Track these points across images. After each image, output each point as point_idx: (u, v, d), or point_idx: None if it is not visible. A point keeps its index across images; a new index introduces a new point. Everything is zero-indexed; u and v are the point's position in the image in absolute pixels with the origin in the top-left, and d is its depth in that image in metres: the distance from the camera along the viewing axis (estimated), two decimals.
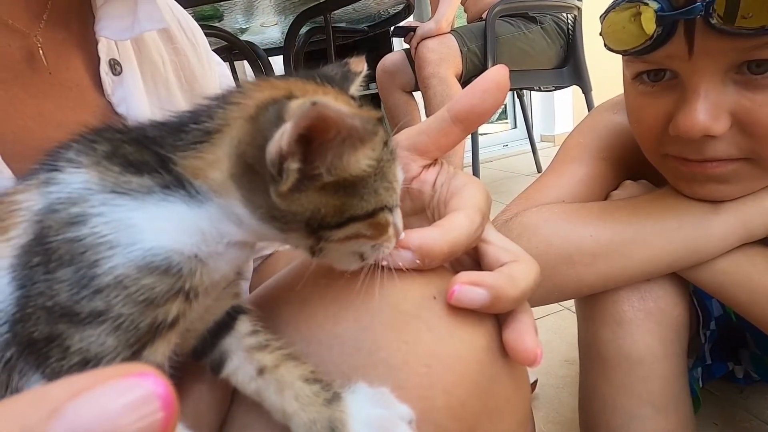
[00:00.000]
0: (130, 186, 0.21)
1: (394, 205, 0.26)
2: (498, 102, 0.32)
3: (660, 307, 0.56)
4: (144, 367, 0.11)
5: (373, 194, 0.24)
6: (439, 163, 0.35)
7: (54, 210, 0.20)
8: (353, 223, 0.24)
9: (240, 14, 1.40)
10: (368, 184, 0.24)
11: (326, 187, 0.22)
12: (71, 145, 0.23)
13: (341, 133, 0.20)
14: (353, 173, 0.23)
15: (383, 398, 0.23)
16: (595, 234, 0.52)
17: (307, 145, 0.20)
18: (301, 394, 0.23)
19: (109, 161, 0.22)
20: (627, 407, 0.56)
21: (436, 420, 0.24)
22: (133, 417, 0.10)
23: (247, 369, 0.24)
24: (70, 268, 0.19)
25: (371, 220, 0.25)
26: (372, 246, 0.26)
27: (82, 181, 0.21)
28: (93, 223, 0.20)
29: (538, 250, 0.52)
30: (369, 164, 0.23)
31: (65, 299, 0.19)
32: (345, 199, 0.23)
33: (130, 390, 0.11)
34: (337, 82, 0.27)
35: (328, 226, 0.23)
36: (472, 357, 0.26)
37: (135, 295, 0.20)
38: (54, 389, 0.11)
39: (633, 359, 0.56)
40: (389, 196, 0.25)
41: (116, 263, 0.19)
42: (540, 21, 1.79)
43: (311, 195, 0.22)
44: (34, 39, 0.35)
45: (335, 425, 0.22)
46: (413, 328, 0.26)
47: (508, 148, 3.04)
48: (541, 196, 0.59)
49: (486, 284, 0.26)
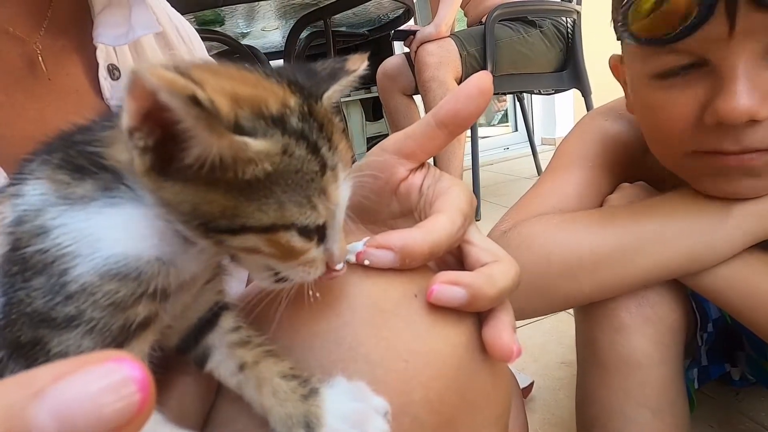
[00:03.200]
0: (76, 195, 0.21)
1: (310, 227, 0.23)
2: (481, 108, 0.33)
3: (657, 314, 0.57)
4: (122, 354, 0.12)
5: (276, 206, 0.21)
6: (426, 166, 0.35)
7: (21, 222, 0.21)
8: (248, 233, 0.21)
9: (241, 19, 1.42)
10: (269, 192, 0.21)
11: (209, 181, 0.20)
12: (35, 157, 0.23)
13: (179, 113, 0.18)
14: (230, 170, 0.20)
15: (359, 392, 0.23)
16: (596, 243, 0.52)
17: (171, 125, 0.18)
18: (278, 390, 0.23)
19: (61, 170, 0.22)
20: (625, 411, 0.57)
21: (413, 413, 0.25)
22: (112, 398, 0.11)
23: (229, 364, 0.25)
24: (42, 277, 0.20)
25: (269, 237, 0.22)
26: (288, 266, 0.23)
27: (41, 193, 0.21)
28: (54, 235, 0.20)
29: (538, 263, 0.51)
30: (251, 161, 0.20)
31: (41, 306, 0.20)
32: (236, 202, 0.21)
33: (109, 374, 0.11)
34: (319, 78, 0.25)
35: (219, 230, 0.21)
36: (450, 352, 0.27)
37: (101, 301, 0.20)
38: (38, 373, 0.12)
39: (631, 364, 0.56)
40: (302, 215, 0.22)
41: (80, 272, 0.20)
42: (539, 25, 1.80)
43: (186, 186, 0.20)
44: (33, 46, 0.37)
45: (310, 420, 0.22)
46: (393, 324, 0.27)
47: (509, 151, 3.04)
48: (537, 206, 0.59)
49: (464, 283, 0.27)
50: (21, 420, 0.11)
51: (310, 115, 0.23)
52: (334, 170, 0.23)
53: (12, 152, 0.32)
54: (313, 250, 0.24)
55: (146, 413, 0.12)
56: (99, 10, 0.40)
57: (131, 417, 0.11)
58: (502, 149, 3.06)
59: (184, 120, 0.18)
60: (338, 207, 0.24)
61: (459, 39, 1.72)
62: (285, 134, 0.21)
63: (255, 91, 0.21)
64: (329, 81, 0.26)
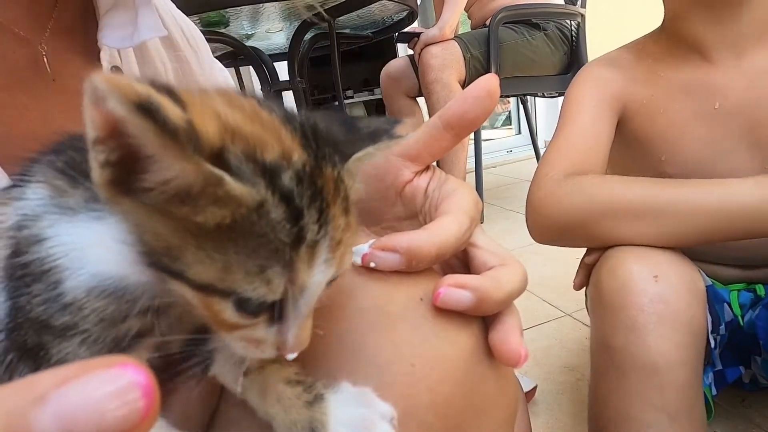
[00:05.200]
0: (67, 204, 0.20)
1: (254, 302, 0.19)
2: (488, 110, 0.32)
3: (672, 310, 0.55)
4: (126, 359, 0.12)
5: (220, 266, 0.18)
6: (432, 169, 0.35)
7: (21, 227, 0.21)
8: (183, 284, 0.19)
9: (246, 20, 1.42)
10: (220, 246, 0.18)
11: (164, 211, 0.18)
12: (40, 158, 0.23)
13: (128, 124, 0.15)
14: (191, 205, 0.17)
15: (365, 397, 0.23)
16: (630, 195, 0.58)
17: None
18: (283, 396, 0.23)
19: (62, 175, 0.21)
20: (641, 417, 0.55)
21: (420, 417, 0.25)
22: (116, 404, 0.11)
23: (232, 369, 0.25)
24: (40, 284, 0.20)
25: (201, 297, 0.19)
26: (226, 336, 0.21)
27: (40, 198, 0.21)
28: (48, 245, 0.20)
29: (584, 201, 0.59)
30: (219, 201, 0.17)
31: (41, 313, 0.20)
32: (182, 243, 0.18)
33: (113, 379, 0.11)
34: (357, 136, 0.23)
35: (161, 267, 0.19)
36: (457, 356, 0.27)
37: (91, 316, 0.20)
38: (40, 378, 0.11)
39: (648, 367, 0.55)
40: (248, 285, 0.19)
41: (71, 285, 0.20)
42: (543, 28, 1.80)
43: (139, 208, 0.18)
44: (38, 47, 0.37)
45: (315, 426, 0.22)
46: (399, 328, 0.26)
47: (512, 153, 3.04)
48: (566, 148, 0.68)
49: (471, 286, 0.27)
50: (23, 426, 0.11)
51: (311, 176, 0.19)
52: (312, 248, 0.19)
53: (14, 152, 0.32)
54: (259, 327, 0.21)
55: (151, 419, 0.11)
56: (104, 11, 0.40)
57: (135, 423, 0.11)
58: (506, 152, 3.06)
59: (134, 134, 0.16)
60: (306, 290, 0.20)
61: (463, 41, 1.72)
62: (268, 189, 0.18)
63: (259, 132, 0.19)
64: (367, 141, 0.23)
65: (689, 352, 0.56)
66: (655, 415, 0.54)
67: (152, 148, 0.16)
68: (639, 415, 0.55)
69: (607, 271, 0.59)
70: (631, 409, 0.56)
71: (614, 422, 0.57)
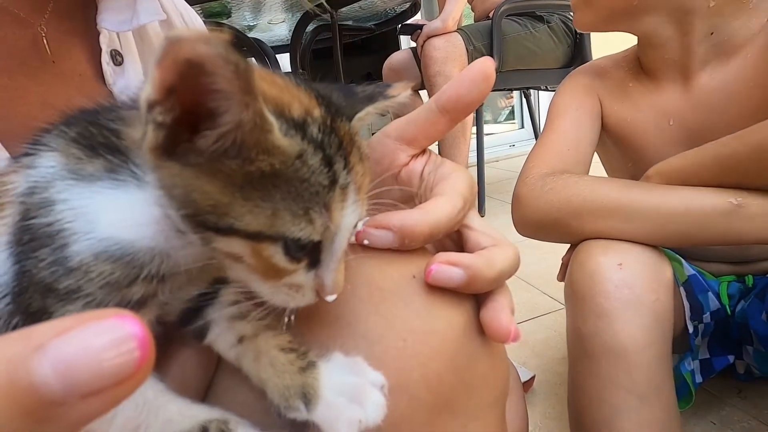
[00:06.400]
0: (85, 171, 0.21)
1: (302, 241, 0.21)
2: (483, 93, 0.32)
3: (636, 294, 0.58)
4: (123, 311, 0.12)
5: (269, 212, 0.20)
6: (428, 152, 0.35)
7: (31, 193, 0.21)
8: (233, 237, 0.20)
9: (248, 11, 1.42)
10: (267, 194, 0.20)
11: (212, 170, 0.19)
12: (51, 128, 0.23)
13: (214, 82, 0.17)
14: (241, 156, 0.19)
15: (356, 366, 0.24)
16: (602, 195, 0.63)
17: (197, 106, 0.18)
18: (276, 362, 0.24)
19: (75, 144, 0.22)
20: (612, 400, 0.58)
21: (411, 391, 0.25)
22: (113, 353, 0.11)
23: (228, 337, 0.25)
24: (47, 248, 0.21)
25: (254, 246, 0.20)
26: (270, 286, 0.22)
27: (51, 166, 0.22)
28: (57, 210, 0.21)
29: (561, 201, 0.63)
30: (267, 150, 0.19)
31: (47, 276, 0.20)
32: (231, 198, 0.19)
33: (110, 330, 0.12)
34: (356, 99, 0.25)
35: (207, 226, 0.20)
36: (448, 333, 0.27)
37: (96, 280, 0.21)
38: (40, 328, 0.12)
39: (616, 351, 0.57)
40: (295, 226, 0.20)
41: (78, 249, 0.20)
42: (547, 20, 1.78)
43: (184, 170, 0.19)
44: (38, 29, 0.37)
45: (307, 391, 0.23)
46: (391, 304, 0.27)
47: (514, 148, 3.03)
48: (550, 149, 0.73)
49: (463, 264, 0.27)
50: (23, 373, 0.11)
51: (332, 129, 0.22)
52: (344, 190, 0.22)
53: (15, 133, 0.32)
54: (300, 273, 0.22)
55: (145, 370, 0.12)
56: None
57: (131, 373, 0.12)
58: (508, 146, 3.05)
59: (220, 76, 0.17)
60: (340, 231, 0.22)
61: (466, 34, 1.71)
62: (304, 140, 0.20)
63: (281, 94, 0.21)
64: (365, 102, 0.25)
65: (654, 335, 0.58)
66: (625, 397, 0.57)
67: (229, 85, 0.17)
68: (610, 398, 0.58)
69: (577, 263, 0.63)
70: (603, 393, 0.58)
71: (588, 407, 0.60)
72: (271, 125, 0.19)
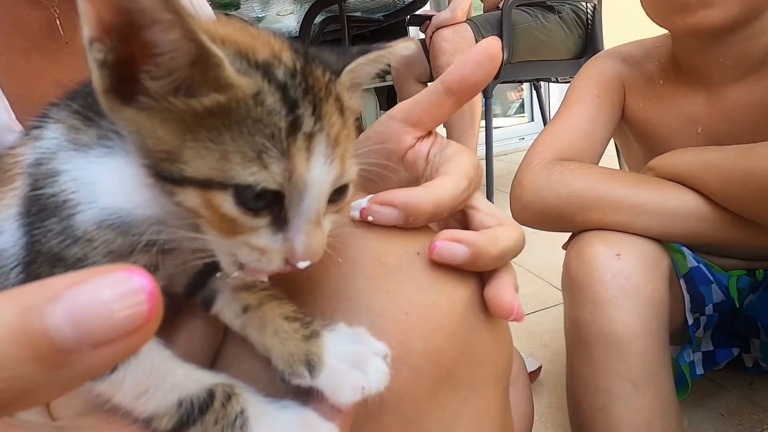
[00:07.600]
0: (81, 141, 0.21)
1: (254, 188, 0.19)
2: (489, 74, 0.32)
3: (633, 284, 0.58)
4: (133, 267, 0.13)
5: (218, 155, 0.19)
6: (433, 134, 0.36)
7: (38, 164, 0.22)
8: (188, 186, 0.19)
9: (257, 3, 1.43)
10: (216, 135, 0.18)
11: (163, 110, 0.18)
12: (59, 102, 0.24)
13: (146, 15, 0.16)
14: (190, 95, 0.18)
15: (360, 335, 0.24)
16: (604, 189, 0.62)
17: (142, 47, 0.18)
18: (280, 330, 0.24)
19: (76, 115, 0.22)
20: (608, 387, 0.58)
21: (413, 364, 0.26)
22: (122, 304, 0.12)
23: (233, 307, 0.26)
24: (55, 218, 0.21)
25: (205, 196, 0.19)
26: (232, 244, 0.21)
27: (56, 137, 0.22)
28: (62, 180, 0.21)
29: (569, 195, 0.63)
30: (215, 82, 0.18)
31: (55, 245, 0.21)
32: (181, 142, 0.18)
33: (121, 282, 0.12)
34: (348, 55, 0.24)
35: (164, 176, 0.19)
36: (451, 308, 0.27)
37: (100, 248, 0.21)
38: (54, 280, 0.12)
39: (612, 339, 0.58)
40: (245, 170, 0.19)
41: (82, 219, 0.21)
42: (558, 10, 1.76)
43: (139, 113, 0.19)
44: (51, 10, 0.38)
45: (311, 358, 0.23)
46: (395, 278, 0.27)
47: (524, 141, 3.01)
48: (559, 134, 0.71)
49: (467, 241, 0.27)
50: (38, 319, 0.12)
51: (303, 75, 0.20)
52: (309, 139, 0.20)
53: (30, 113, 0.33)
54: (263, 233, 0.20)
55: (153, 322, 0.12)
56: None
57: (140, 324, 0.12)
58: (518, 139, 3.03)
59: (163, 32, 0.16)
60: (309, 186, 0.20)
61: (475, 24, 1.70)
62: (264, 80, 0.19)
63: (248, 40, 0.20)
64: (357, 56, 0.24)
65: (650, 323, 0.58)
66: (621, 384, 0.57)
67: (153, 11, 0.17)
68: (606, 385, 0.58)
69: (575, 253, 0.63)
70: (599, 380, 0.59)
71: (585, 395, 0.60)
72: (220, 59, 0.18)
